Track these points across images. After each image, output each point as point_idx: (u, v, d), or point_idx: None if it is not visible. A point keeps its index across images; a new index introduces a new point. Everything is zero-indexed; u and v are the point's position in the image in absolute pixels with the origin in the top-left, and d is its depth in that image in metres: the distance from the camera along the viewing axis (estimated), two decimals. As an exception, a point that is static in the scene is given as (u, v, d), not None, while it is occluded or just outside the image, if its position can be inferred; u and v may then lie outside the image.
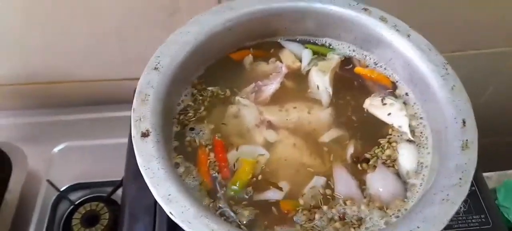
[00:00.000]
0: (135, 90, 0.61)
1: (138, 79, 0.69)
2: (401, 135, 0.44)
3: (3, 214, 0.63)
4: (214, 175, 0.41)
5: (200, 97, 0.46)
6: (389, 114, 0.45)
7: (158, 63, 0.42)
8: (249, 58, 0.49)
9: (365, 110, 0.46)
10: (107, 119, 0.74)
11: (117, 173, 0.64)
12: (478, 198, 0.52)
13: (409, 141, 0.44)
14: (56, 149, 0.71)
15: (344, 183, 0.41)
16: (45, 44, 0.68)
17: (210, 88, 0.47)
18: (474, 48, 0.80)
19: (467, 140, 0.38)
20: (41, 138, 0.72)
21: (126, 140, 0.61)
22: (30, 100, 0.75)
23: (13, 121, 0.73)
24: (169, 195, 0.34)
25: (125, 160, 0.58)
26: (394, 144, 0.43)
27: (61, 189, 0.66)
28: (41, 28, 0.65)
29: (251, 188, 0.40)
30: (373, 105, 0.46)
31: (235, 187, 0.40)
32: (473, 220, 0.50)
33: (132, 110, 0.39)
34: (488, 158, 0.72)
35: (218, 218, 0.34)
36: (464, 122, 0.39)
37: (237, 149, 0.42)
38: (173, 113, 0.44)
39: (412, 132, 0.44)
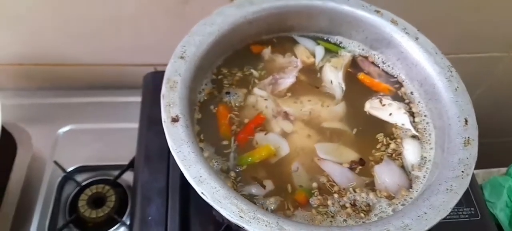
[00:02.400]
0: (145, 77, 0.64)
1: (147, 65, 0.71)
2: (405, 131, 0.47)
3: (8, 194, 0.63)
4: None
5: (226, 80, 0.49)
6: (390, 114, 0.48)
7: (184, 52, 0.44)
8: (268, 51, 0.52)
9: (367, 113, 0.49)
10: (114, 104, 0.74)
11: (123, 157, 0.66)
12: (469, 193, 0.57)
13: (413, 136, 0.47)
14: (61, 131, 0.71)
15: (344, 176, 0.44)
16: (55, 25, 0.68)
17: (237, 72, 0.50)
18: (466, 52, 0.84)
19: (468, 137, 0.42)
20: (46, 119, 0.72)
21: (132, 125, 0.63)
22: (37, 82, 0.75)
23: (19, 101, 0.72)
24: (200, 176, 0.36)
25: (137, 144, 0.59)
26: (398, 140, 0.47)
27: (67, 170, 0.67)
28: (53, 8, 0.65)
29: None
30: (374, 107, 0.49)
31: (246, 159, 0.43)
32: (464, 212, 0.55)
33: (161, 96, 0.41)
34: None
35: (246, 200, 0.36)
36: (466, 121, 0.43)
37: (265, 133, 0.45)
38: (195, 101, 0.47)
39: (416, 128, 0.48)
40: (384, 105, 0.48)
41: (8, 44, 0.70)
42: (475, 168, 0.81)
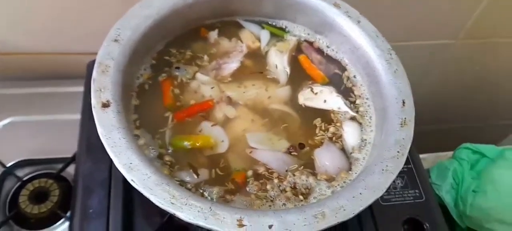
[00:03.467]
0: (88, 65, 0.61)
1: (89, 54, 0.68)
2: (344, 114, 0.48)
3: None
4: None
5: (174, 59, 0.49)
6: (324, 101, 0.48)
7: (119, 35, 0.42)
8: (214, 34, 0.51)
9: (303, 105, 0.48)
10: (57, 94, 0.71)
11: (67, 150, 0.63)
12: (414, 175, 0.58)
13: (352, 118, 0.47)
14: (0, 124, 0.68)
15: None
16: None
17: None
18: (416, 40, 0.86)
19: (405, 118, 0.43)
20: (-16, 112, 0.68)
21: (75, 116, 0.60)
22: (-28, 72, 0.70)
23: (-48, 93, 0.68)
24: (131, 163, 0.35)
25: (78, 134, 0.57)
26: (338, 124, 0.47)
27: (7, 165, 0.63)
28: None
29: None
30: (307, 98, 0.49)
31: (180, 142, 0.42)
32: (408, 194, 0.56)
33: (92, 80, 0.39)
34: (425, 142, 0.79)
35: (178, 186, 0.35)
36: (403, 102, 0.44)
37: (212, 125, 0.44)
38: (133, 86, 0.45)
39: (357, 110, 0.48)
40: (316, 93, 0.48)
41: None
42: (423, 153, 0.84)
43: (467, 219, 0.69)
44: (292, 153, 0.44)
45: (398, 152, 0.40)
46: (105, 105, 0.38)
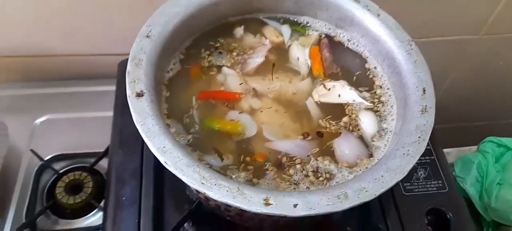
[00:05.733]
0: (119, 64, 0.65)
1: (121, 54, 0.71)
2: (359, 105, 0.49)
3: (-16, 185, 0.64)
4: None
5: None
6: (339, 95, 0.49)
7: (150, 31, 0.45)
8: (240, 30, 0.53)
9: (318, 102, 0.49)
10: (89, 93, 0.75)
11: (99, 145, 0.67)
12: (437, 167, 0.59)
13: (367, 109, 0.49)
14: (38, 121, 0.72)
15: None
16: (29, 17, 0.68)
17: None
18: (438, 35, 0.87)
19: (426, 106, 0.44)
20: (23, 110, 0.72)
21: (108, 113, 0.63)
22: (12, 74, 0.75)
23: (-6, 93, 0.73)
24: (164, 147, 0.37)
25: (111, 129, 0.60)
26: (353, 115, 0.48)
27: (45, 159, 0.67)
28: (26, 1, 0.66)
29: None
30: (322, 95, 0.50)
31: (212, 123, 0.45)
32: (431, 185, 0.57)
33: (126, 73, 0.42)
34: (449, 138, 0.79)
35: (208, 168, 0.37)
36: (424, 90, 0.45)
37: (240, 113, 0.47)
38: (163, 79, 0.48)
39: (378, 100, 0.49)
40: (329, 89, 0.49)
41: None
42: (448, 147, 0.84)
43: (492, 211, 0.69)
44: (307, 139, 0.45)
45: (419, 137, 0.41)
46: (139, 95, 0.40)
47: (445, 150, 0.64)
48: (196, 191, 0.40)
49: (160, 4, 0.65)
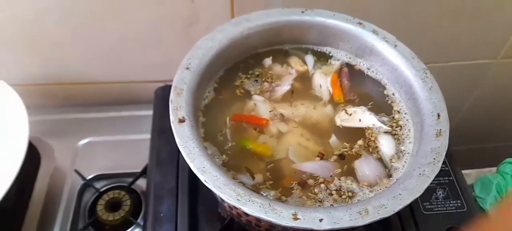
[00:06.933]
0: (156, 91, 0.71)
1: (157, 81, 0.78)
2: (378, 129, 0.53)
3: (33, 201, 0.69)
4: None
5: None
6: (360, 120, 0.53)
7: (189, 64, 0.51)
8: (268, 60, 0.59)
9: (340, 126, 0.53)
10: (127, 117, 0.80)
11: (137, 165, 0.72)
12: (455, 187, 0.61)
13: (386, 132, 0.52)
14: (81, 143, 0.77)
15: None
16: (73, 47, 0.74)
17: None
18: (456, 60, 0.90)
19: (440, 129, 0.47)
20: (67, 133, 0.77)
21: (144, 136, 0.69)
22: (57, 100, 0.82)
23: (42, 117, 0.79)
24: (204, 167, 0.42)
25: (149, 150, 0.66)
26: (372, 138, 0.52)
27: (87, 178, 0.73)
28: (70, 32, 0.72)
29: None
30: (344, 120, 0.54)
31: (246, 143, 0.50)
32: (450, 205, 0.59)
33: (170, 101, 0.47)
34: (468, 160, 0.81)
35: (243, 186, 0.42)
36: (438, 115, 0.49)
37: (270, 136, 0.52)
38: (200, 106, 0.53)
39: (396, 124, 0.53)
40: (350, 114, 0.54)
41: (31, 66, 0.77)
42: (467, 169, 0.85)
43: (512, 232, 0.70)
44: (328, 160, 0.50)
45: (434, 158, 0.44)
46: (181, 121, 0.46)
47: (464, 171, 0.66)
48: (231, 207, 0.44)
49: (194, 35, 0.71)
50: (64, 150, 0.75)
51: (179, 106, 0.47)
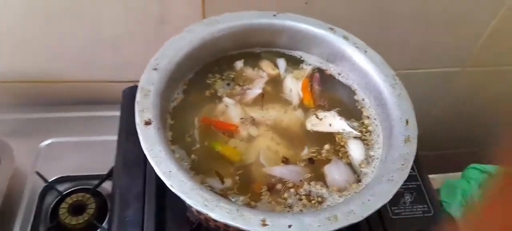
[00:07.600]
0: (124, 91, 0.69)
1: (126, 82, 0.76)
2: (348, 134, 0.53)
3: (-10, 204, 0.66)
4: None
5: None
6: (330, 125, 0.53)
7: (157, 64, 0.49)
8: (239, 63, 0.58)
9: (311, 131, 0.53)
10: (93, 118, 0.78)
11: (102, 168, 0.70)
12: (422, 192, 0.62)
13: (355, 137, 0.53)
14: (43, 144, 0.74)
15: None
16: (38, 43, 0.72)
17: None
18: (425, 67, 0.92)
19: (409, 135, 0.48)
20: (28, 133, 0.75)
21: (110, 137, 0.67)
22: (18, 98, 0.78)
23: (1, 116, 0.76)
24: (170, 171, 0.41)
25: (115, 152, 0.63)
26: (343, 143, 0.52)
27: (49, 180, 0.70)
28: (37, 27, 0.70)
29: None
30: (314, 124, 0.54)
31: (215, 145, 0.49)
32: (417, 209, 0.60)
33: (136, 103, 0.46)
34: (434, 165, 0.83)
35: (210, 191, 0.41)
36: (407, 121, 0.49)
37: (240, 140, 0.51)
38: (168, 108, 0.51)
39: (365, 129, 0.53)
40: (321, 119, 0.54)
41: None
42: (433, 173, 0.87)
43: (475, 235, 0.72)
44: (284, 162, 0.49)
45: (402, 164, 0.45)
46: (147, 123, 0.44)
47: (431, 176, 0.68)
48: (198, 212, 0.43)
49: (165, 35, 0.70)
50: (25, 150, 0.73)
51: (145, 108, 0.45)
